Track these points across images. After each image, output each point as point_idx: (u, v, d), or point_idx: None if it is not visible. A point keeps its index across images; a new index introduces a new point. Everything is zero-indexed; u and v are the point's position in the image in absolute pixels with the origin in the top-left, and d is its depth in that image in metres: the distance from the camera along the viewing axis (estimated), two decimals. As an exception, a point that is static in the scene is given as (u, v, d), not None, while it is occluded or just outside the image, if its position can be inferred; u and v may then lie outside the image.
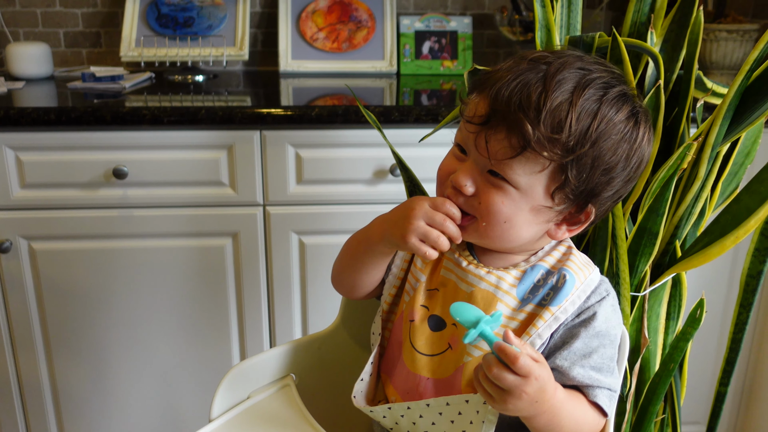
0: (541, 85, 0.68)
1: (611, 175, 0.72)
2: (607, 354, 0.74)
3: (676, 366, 0.92)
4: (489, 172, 0.71)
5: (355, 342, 0.93)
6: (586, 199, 0.73)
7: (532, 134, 0.67)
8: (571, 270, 0.75)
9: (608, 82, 0.72)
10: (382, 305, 0.83)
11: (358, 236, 0.83)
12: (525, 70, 0.70)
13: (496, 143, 0.69)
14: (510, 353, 0.63)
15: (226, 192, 1.45)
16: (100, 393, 1.56)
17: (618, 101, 0.71)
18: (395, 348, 0.81)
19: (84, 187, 1.42)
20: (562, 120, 0.67)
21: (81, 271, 1.47)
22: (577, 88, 0.69)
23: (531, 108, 0.67)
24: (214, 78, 1.80)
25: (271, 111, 1.39)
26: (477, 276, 0.76)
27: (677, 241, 0.93)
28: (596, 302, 0.75)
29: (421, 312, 0.78)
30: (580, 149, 0.68)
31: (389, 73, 1.86)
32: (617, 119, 0.70)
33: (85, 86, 1.61)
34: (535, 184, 0.70)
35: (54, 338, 1.51)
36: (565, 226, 0.76)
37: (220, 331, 1.53)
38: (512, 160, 0.69)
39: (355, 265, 0.81)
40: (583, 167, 0.70)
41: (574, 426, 0.72)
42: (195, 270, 1.49)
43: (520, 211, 0.71)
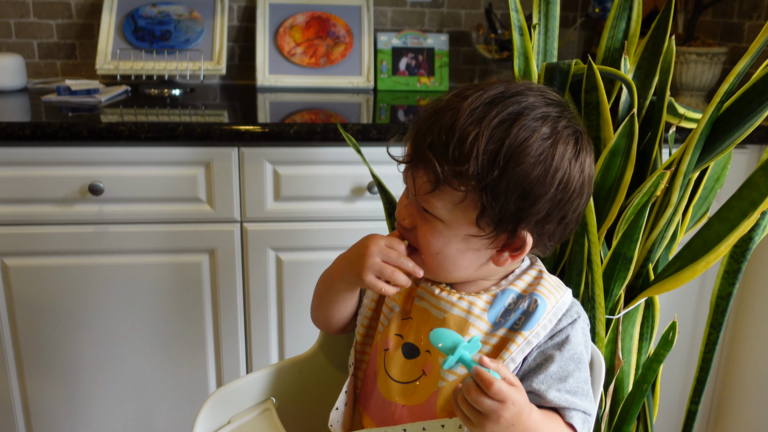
0: (451, 122, 0.70)
1: (530, 198, 0.70)
2: (582, 377, 0.75)
3: (649, 386, 0.94)
4: (422, 207, 0.74)
5: (334, 366, 0.93)
6: (513, 224, 0.72)
7: (440, 169, 0.69)
8: (542, 294, 0.77)
9: (528, 106, 0.70)
10: (355, 336, 0.85)
11: (323, 275, 0.86)
12: (443, 107, 0.72)
13: (418, 180, 0.73)
14: (485, 379, 0.65)
15: (204, 208, 1.44)
16: (73, 411, 1.54)
17: (534, 123, 0.70)
18: (371, 377, 0.82)
19: (59, 202, 1.40)
20: (467, 151, 0.68)
21: (55, 287, 1.45)
22: (487, 118, 0.69)
23: (440, 145, 0.70)
24: (191, 92, 1.80)
25: (249, 128, 1.39)
26: (449, 302, 0.77)
27: (650, 264, 0.95)
28: (568, 324, 0.77)
29: (395, 340, 0.80)
30: (489, 177, 0.69)
31: (366, 89, 1.88)
32: (530, 142, 0.69)
33: (60, 100, 1.59)
34: (457, 215, 0.73)
35: (26, 355, 1.49)
36: (507, 253, 0.76)
37: (196, 349, 1.52)
38: (431, 195, 0.72)
39: (323, 303, 0.85)
40: (498, 194, 0.70)
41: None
42: (171, 287, 1.48)
43: (449, 242, 0.74)
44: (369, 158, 1.39)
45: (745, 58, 0.82)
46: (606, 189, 0.93)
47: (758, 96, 0.80)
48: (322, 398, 0.91)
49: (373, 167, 1.35)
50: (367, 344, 0.84)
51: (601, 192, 0.93)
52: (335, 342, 0.92)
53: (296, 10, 1.88)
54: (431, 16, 1.97)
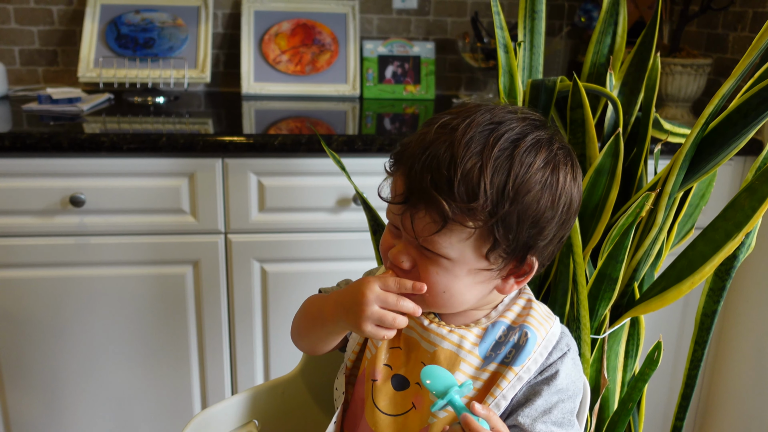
0: (449, 156, 0.66)
1: (540, 225, 0.70)
2: (567, 408, 0.75)
3: (635, 405, 0.94)
4: (421, 246, 0.71)
5: (317, 388, 0.92)
6: (522, 252, 0.72)
7: (449, 209, 0.66)
8: (532, 327, 0.76)
9: (520, 132, 0.69)
10: (345, 362, 0.83)
11: (314, 307, 0.82)
12: (433, 141, 0.68)
13: (419, 221, 0.69)
14: (474, 428, 0.64)
15: (187, 220, 1.43)
16: (54, 424, 1.52)
17: (532, 150, 0.68)
18: (358, 406, 0.80)
19: (39, 214, 1.38)
20: (475, 186, 0.66)
21: (35, 299, 1.43)
22: (485, 148, 0.66)
23: (443, 182, 0.66)
24: (175, 100, 1.78)
25: (233, 139, 1.38)
26: (439, 335, 0.76)
27: (635, 283, 0.95)
28: (558, 359, 0.76)
29: (384, 371, 0.78)
30: (501, 210, 0.67)
31: (352, 97, 1.87)
32: (534, 169, 0.68)
33: (42, 108, 1.57)
34: (465, 252, 0.70)
35: (6, 368, 1.47)
36: (513, 279, 0.75)
37: (180, 361, 1.51)
38: (437, 235, 0.68)
39: (311, 335, 0.82)
40: (510, 225, 0.68)
41: None
42: (154, 298, 1.46)
43: (456, 279, 0.71)
44: (354, 169, 1.38)
45: (731, 80, 0.82)
46: (591, 208, 0.92)
47: (742, 118, 0.80)
48: (305, 420, 0.90)
49: (357, 178, 1.34)
50: (357, 368, 0.83)
51: (586, 211, 0.93)
52: (318, 364, 0.91)
53: (281, 17, 1.86)
54: (417, 24, 1.97)
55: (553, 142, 0.71)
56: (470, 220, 0.67)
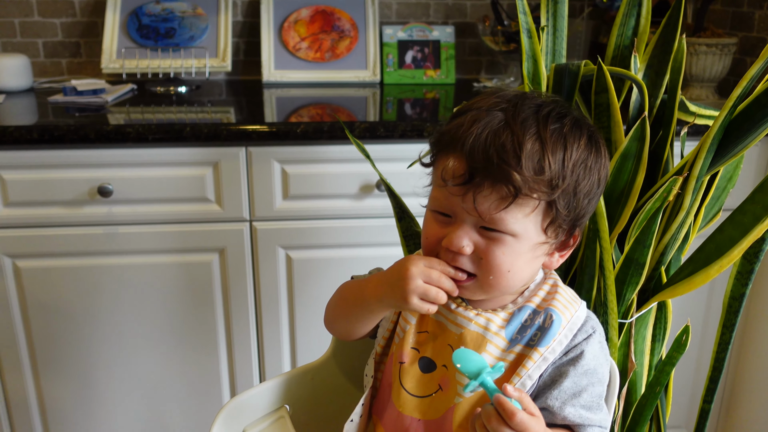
0: (509, 132, 0.70)
1: (590, 197, 0.75)
2: (596, 392, 0.75)
3: (662, 389, 0.94)
4: (482, 227, 0.72)
5: (345, 374, 0.94)
6: (573, 225, 0.76)
7: (520, 181, 0.69)
8: (557, 309, 0.77)
9: (559, 112, 0.74)
10: (375, 348, 0.84)
11: (353, 291, 0.83)
12: (485, 121, 0.71)
13: (484, 200, 0.70)
14: (508, 409, 0.65)
15: (213, 208, 1.44)
16: (87, 409, 1.55)
17: (575, 128, 0.74)
18: (386, 389, 0.82)
19: (68, 204, 1.41)
20: (540, 159, 0.70)
21: (66, 288, 1.46)
22: (540, 126, 0.71)
23: (510, 156, 0.69)
24: (197, 89, 1.79)
25: (256, 128, 1.39)
26: (466, 318, 0.77)
27: (662, 267, 0.94)
28: (583, 340, 0.76)
29: (411, 354, 0.79)
30: (562, 183, 0.71)
31: (372, 83, 1.87)
32: (583, 145, 0.74)
33: (67, 100, 1.59)
34: (528, 227, 0.72)
35: (40, 355, 1.50)
36: (557, 254, 0.79)
37: (208, 347, 1.53)
38: (504, 212, 0.70)
39: (349, 319, 0.83)
40: (568, 197, 0.73)
41: None
42: (182, 286, 1.49)
43: (519, 256, 0.73)
44: (376, 156, 1.39)
45: (759, 61, 0.81)
46: (617, 193, 0.92)
47: (772, 100, 0.79)
48: (334, 406, 0.91)
49: (380, 165, 1.35)
50: (385, 355, 0.84)
51: (612, 196, 0.93)
52: (347, 350, 0.92)
53: (300, 4, 1.87)
54: (436, 8, 1.96)
55: (586, 121, 0.77)
56: (537, 192, 0.70)
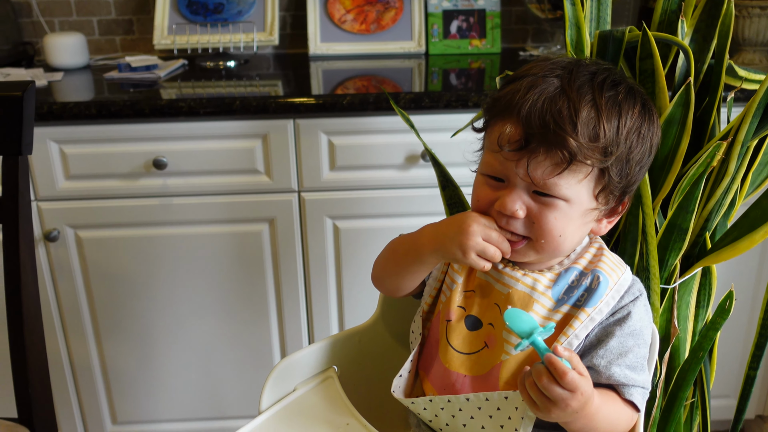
0: (566, 99, 0.71)
1: (641, 164, 0.77)
2: (641, 353, 0.77)
3: (705, 354, 0.95)
4: (534, 192, 0.74)
5: (392, 335, 0.97)
6: (624, 191, 0.78)
7: (575, 147, 0.70)
8: (604, 271, 0.78)
9: (613, 79, 0.75)
10: (422, 306, 0.87)
11: (404, 244, 0.84)
12: (541, 87, 0.72)
13: (539, 165, 0.72)
14: (560, 368, 0.66)
15: (262, 179, 1.49)
16: (146, 372, 1.63)
17: (629, 96, 0.75)
18: (433, 346, 0.85)
19: (125, 177, 1.47)
20: (596, 126, 0.71)
21: (125, 257, 1.53)
22: (596, 93, 0.72)
23: (566, 123, 0.70)
24: (246, 63, 1.83)
25: (303, 100, 1.42)
26: (513, 278, 0.79)
27: (707, 233, 0.94)
28: (630, 302, 0.78)
29: (458, 312, 0.82)
30: (617, 150, 0.72)
31: (418, 54, 1.87)
32: (636, 114, 0.75)
33: (122, 76, 1.65)
34: (581, 192, 0.74)
35: (102, 321, 1.58)
36: (605, 220, 0.81)
37: (259, 314, 1.59)
38: (558, 177, 0.72)
39: (400, 272, 0.84)
40: (621, 164, 0.74)
41: (608, 426, 0.75)
42: (234, 255, 1.54)
43: (570, 221, 0.75)
44: (421, 126, 1.41)
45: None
46: (661, 159, 0.92)
47: (821, 62, 0.78)
48: (381, 366, 0.95)
49: (425, 135, 1.36)
50: (431, 313, 0.87)
51: (656, 162, 0.93)
52: (394, 312, 0.95)
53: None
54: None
55: (640, 90, 0.78)
56: (591, 158, 0.71)
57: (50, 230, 1.48)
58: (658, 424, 1.01)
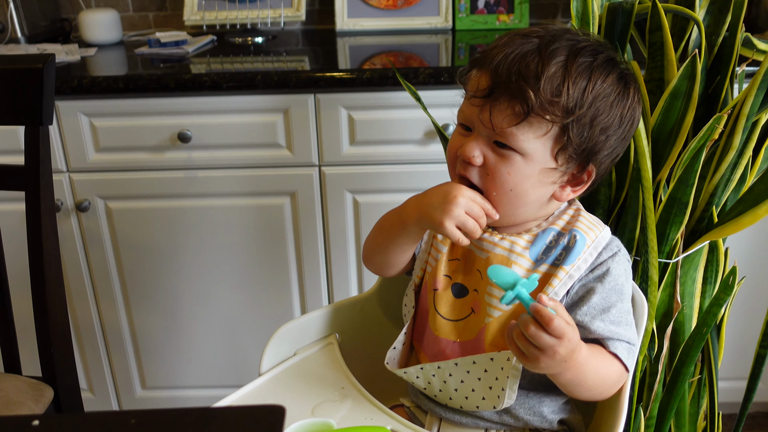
0: (537, 56, 0.73)
1: (608, 133, 0.76)
2: (625, 308, 0.78)
3: (709, 330, 0.94)
4: (495, 143, 0.76)
5: (392, 306, 0.99)
6: (587, 158, 0.78)
7: (534, 100, 0.72)
8: (581, 230, 0.79)
9: (596, 48, 0.77)
10: (413, 279, 0.89)
11: (391, 218, 0.87)
12: (519, 44, 0.75)
13: (500, 114, 0.74)
14: (545, 315, 0.67)
15: (284, 153, 1.51)
16: (173, 338, 1.69)
17: (607, 66, 0.76)
18: (423, 317, 0.86)
19: (152, 150, 1.51)
20: (560, 84, 0.73)
21: (152, 228, 1.58)
22: (569, 56, 0.74)
23: (531, 76, 0.72)
24: (273, 39, 1.85)
25: (324, 75, 1.44)
26: (491, 242, 0.81)
27: (713, 208, 0.93)
28: (609, 257, 0.79)
29: (444, 281, 0.84)
30: (579, 110, 0.73)
31: (444, 29, 1.87)
32: (609, 81, 0.75)
33: (152, 52, 1.69)
34: (539, 148, 0.75)
35: (131, 289, 1.64)
36: (570, 188, 0.81)
37: (281, 284, 1.63)
38: (516, 127, 0.74)
39: (387, 246, 0.86)
40: (583, 127, 0.74)
41: (597, 380, 0.76)
42: (256, 227, 1.58)
43: (526, 178, 0.76)
44: (440, 101, 1.41)
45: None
46: (666, 133, 0.91)
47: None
48: (382, 335, 0.97)
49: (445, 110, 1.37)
50: (421, 286, 0.89)
51: (661, 136, 0.92)
52: (393, 284, 0.97)
53: (373, -49, 1.88)
54: (512, -50, 1.92)
55: (622, 63, 0.79)
56: (550, 114, 0.73)
57: (81, 201, 1.54)
58: (661, 400, 1.01)
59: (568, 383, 0.75)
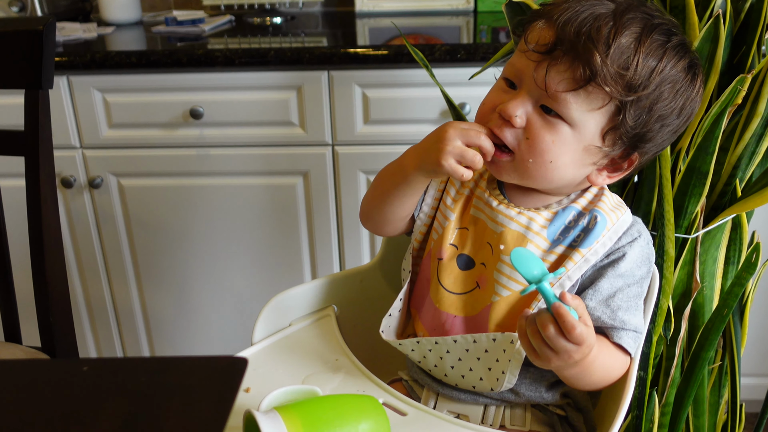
0: (611, 20, 0.67)
1: (664, 122, 0.70)
2: (633, 292, 0.72)
3: (731, 312, 0.88)
4: (542, 107, 0.70)
5: (395, 278, 0.95)
6: (635, 144, 0.71)
7: (600, 66, 0.65)
8: (602, 211, 0.74)
9: (670, 29, 0.70)
10: (412, 243, 0.84)
11: (390, 168, 0.81)
12: (594, 4, 0.69)
13: (557, 74, 0.67)
14: (568, 322, 0.62)
15: (297, 132, 1.48)
16: (184, 316, 1.68)
17: (680, 50, 0.70)
18: (424, 285, 0.82)
19: (164, 126, 1.50)
20: (630, 57, 0.67)
21: (165, 206, 1.57)
22: (644, 30, 0.68)
23: (601, 41, 0.66)
24: (292, 20, 1.83)
25: (338, 51, 1.41)
26: (507, 216, 0.75)
27: (737, 181, 0.88)
28: (627, 243, 0.73)
29: (450, 250, 0.79)
30: (642, 90, 0.67)
31: (466, 11, 1.82)
32: (679, 67, 0.70)
33: (168, 30, 1.67)
34: (589, 122, 0.69)
35: (143, 267, 1.63)
36: (606, 173, 0.75)
37: (293, 265, 1.60)
38: (571, 94, 0.67)
39: (386, 199, 0.80)
40: (641, 110, 0.68)
41: (602, 373, 0.72)
42: (269, 207, 1.55)
43: (568, 151, 0.70)
44: (456, 80, 1.37)
45: None
46: (686, 99, 0.86)
47: None
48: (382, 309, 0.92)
49: (461, 88, 1.33)
50: (423, 250, 0.84)
51: (681, 103, 0.86)
52: (396, 255, 0.93)
53: (395, -70, 1.84)
54: (538, -70, 1.87)
55: (693, 51, 0.73)
56: (611, 87, 0.66)
57: (94, 177, 1.53)
58: (679, 385, 0.95)
59: (572, 377, 0.71)
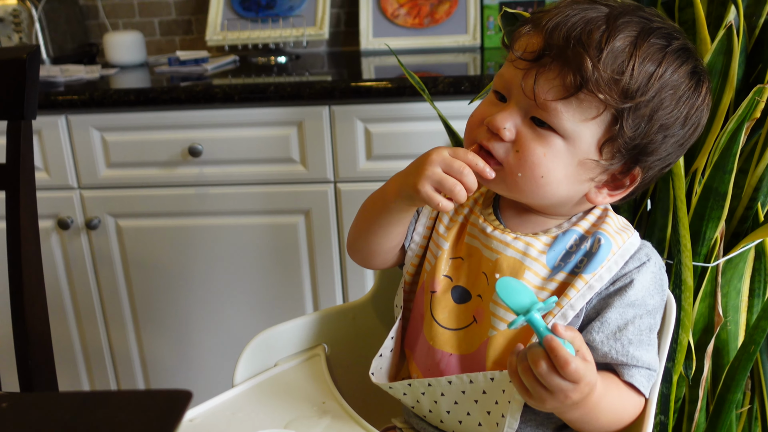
0: (604, 24, 0.62)
1: (667, 132, 0.64)
2: (645, 325, 0.65)
3: (758, 348, 0.80)
4: (532, 119, 0.64)
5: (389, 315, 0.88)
6: (636, 157, 0.65)
7: (591, 72, 0.60)
8: (606, 233, 0.67)
9: (670, 33, 0.65)
10: (404, 276, 0.78)
11: (373, 196, 0.77)
12: (585, 9, 0.63)
13: (546, 83, 0.62)
14: (561, 357, 0.55)
15: (298, 169, 1.44)
16: (183, 361, 1.61)
17: (681, 55, 0.64)
18: (417, 321, 0.75)
19: (163, 165, 1.46)
20: (624, 62, 0.61)
21: (163, 247, 1.52)
22: (641, 33, 0.62)
23: (592, 45, 0.60)
24: (297, 59, 1.80)
25: (338, 85, 1.37)
26: (503, 242, 0.69)
27: (759, 205, 0.81)
28: (635, 268, 0.66)
29: (444, 283, 0.72)
30: (640, 97, 0.61)
31: (473, 48, 1.79)
32: (680, 73, 0.63)
33: (171, 70, 1.66)
34: (583, 133, 0.63)
35: (141, 311, 1.57)
36: (607, 190, 0.68)
37: (295, 307, 1.53)
38: (562, 103, 0.61)
39: (370, 228, 0.75)
40: (641, 119, 0.62)
41: (611, 416, 0.64)
42: (269, 247, 1.50)
43: (561, 166, 0.64)
44: (460, 112, 1.32)
45: None
46: (700, 117, 0.80)
47: None
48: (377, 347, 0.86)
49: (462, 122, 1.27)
50: (416, 284, 0.78)
51: (694, 121, 0.80)
52: (389, 290, 0.87)
53: (400, -31, 1.83)
54: (544, -33, 1.85)
55: (697, 57, 0.66)
56: (605, 94, 0.60)
57: (91, 218, 1.49)
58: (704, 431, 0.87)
59: (576, 420, 0.63)
